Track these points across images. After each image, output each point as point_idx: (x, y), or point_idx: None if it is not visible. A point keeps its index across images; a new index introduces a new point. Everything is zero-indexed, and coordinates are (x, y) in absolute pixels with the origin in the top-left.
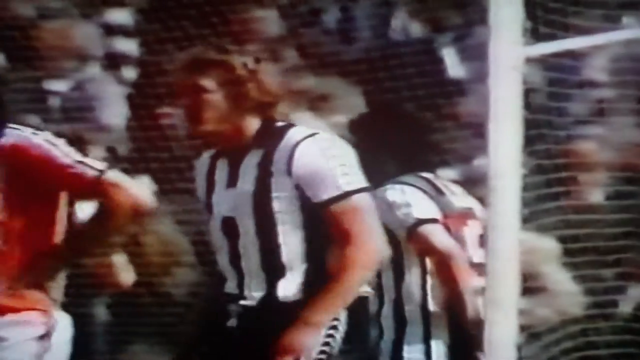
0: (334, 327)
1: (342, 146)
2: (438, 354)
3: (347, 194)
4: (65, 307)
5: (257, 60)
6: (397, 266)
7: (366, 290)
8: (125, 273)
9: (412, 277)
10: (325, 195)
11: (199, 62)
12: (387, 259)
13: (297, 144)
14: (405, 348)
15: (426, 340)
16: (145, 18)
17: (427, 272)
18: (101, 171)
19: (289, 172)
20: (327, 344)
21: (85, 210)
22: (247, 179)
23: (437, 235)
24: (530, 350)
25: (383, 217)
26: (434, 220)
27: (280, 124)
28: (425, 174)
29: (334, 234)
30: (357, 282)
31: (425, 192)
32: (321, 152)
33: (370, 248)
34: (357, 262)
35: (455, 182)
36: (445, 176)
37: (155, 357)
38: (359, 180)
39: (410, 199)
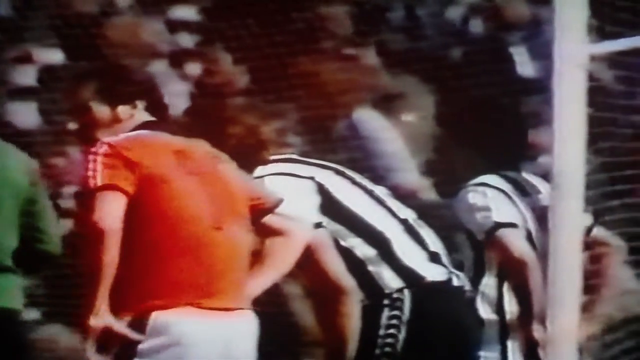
0: (397, 317)
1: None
2: (514, 354)
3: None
4: None
5: None
6: (478, 268)
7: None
8: None
9: (490, 280)
10: None
11: None
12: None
13: None
14: (482, 352)
15: (502, 340)
16: (209, 16)
17: (503, 280)
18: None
19: None
20: (390, 335)
21: None
22: None
23: (514, 241)
24: (591, 348)
25: (464, 219)
26: (512, 225)
27: None
28: (510, 174)
29: None
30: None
31: (507, 195)
32: None
33: (331, 286)
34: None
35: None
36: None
37: None
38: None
39: (491, 202)
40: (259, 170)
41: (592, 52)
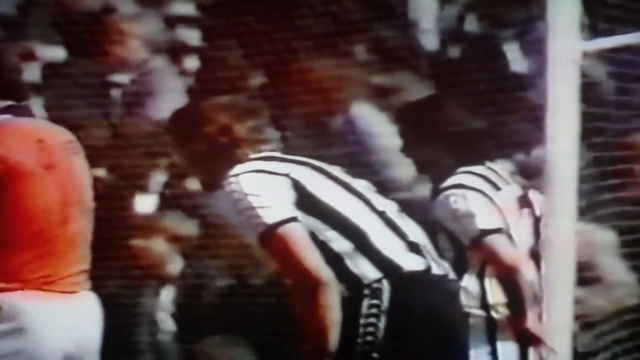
0: (376, 306)
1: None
2: (505, 354)
3: (273, 227)
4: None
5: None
6: (458, 269)
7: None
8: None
9: (471, 281)
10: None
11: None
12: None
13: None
14: (472, 351)
15: (491, 341)
16: (207, 12)
17: (484, 276)
18: None
19: None
20: (370, 324)
21: None
22: None
23: (503, 247)
24: (584, 338)
25: (446, 223)
26: (498, 230)
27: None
28: (478, 169)
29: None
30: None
31: (484, 194)
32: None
33: (308, 278)
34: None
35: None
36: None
37: (233, 348)
38: (281, 211)
39: (472, 207)
40: (237, 169)
41: (585, 48)
